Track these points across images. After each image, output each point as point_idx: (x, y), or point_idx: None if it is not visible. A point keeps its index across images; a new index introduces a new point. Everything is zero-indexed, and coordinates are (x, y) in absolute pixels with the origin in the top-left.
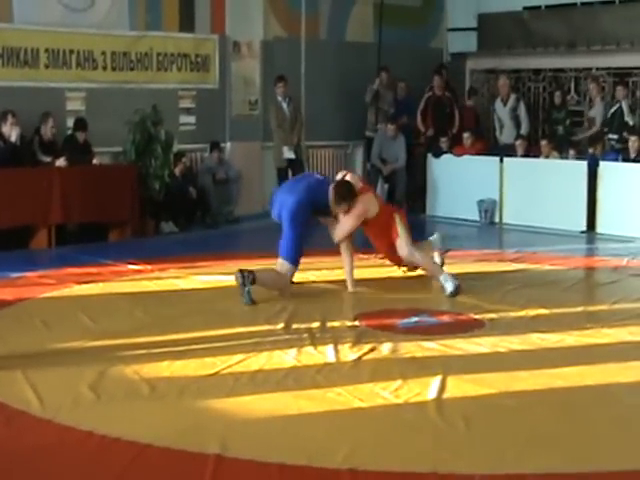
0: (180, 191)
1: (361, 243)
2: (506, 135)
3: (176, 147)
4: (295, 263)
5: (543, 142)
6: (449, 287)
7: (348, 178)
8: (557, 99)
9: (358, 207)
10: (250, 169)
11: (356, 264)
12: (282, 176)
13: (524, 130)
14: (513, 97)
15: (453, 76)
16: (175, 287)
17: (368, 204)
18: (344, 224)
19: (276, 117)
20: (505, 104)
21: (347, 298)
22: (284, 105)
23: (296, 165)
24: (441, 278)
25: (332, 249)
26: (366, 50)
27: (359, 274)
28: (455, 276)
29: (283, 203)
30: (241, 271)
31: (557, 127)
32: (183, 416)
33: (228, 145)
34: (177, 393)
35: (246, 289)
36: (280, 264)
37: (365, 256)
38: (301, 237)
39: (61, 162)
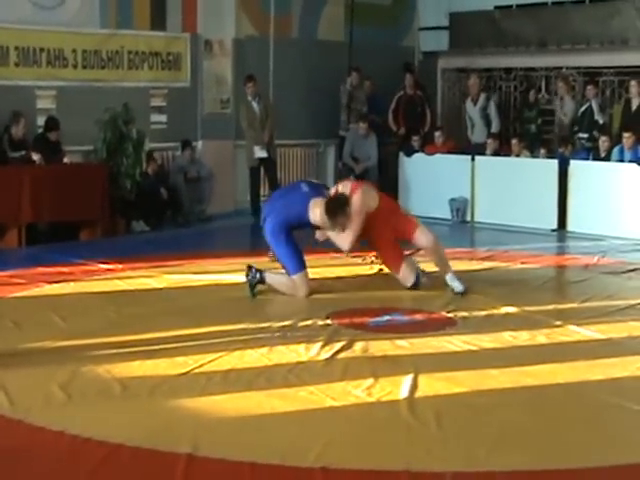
0: (151, 190)
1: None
2: (477, 134)
3: (147, 145)
4: (298, 271)
5: (514, 141)
6: (458, 287)
7: (340, 188)
8: (531, 97)
9: (355, 205)
10: (222, 167)
11: (328, 262)
12: (254, 175)
13: (494, 129)
14: (483, 96)
15: (425, 75)
16: (147, 286)
17: (364, 197)
18: (347, 231)
19: (246, 116)
20: (475, 103)
21: (319, 296)
22: (254, 104)
23: (268, 164)
24: (448, 277)
25: (308, 247)
26: (337, 49)
27: (332, 272)
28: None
29: (264, 222)
30: (249, 267)
31: (529, 126)
32: (155, 415)
33: (200, 143)
34: (149, 392)
35: (254, 291)
36: (288, 280)
37: (338, 255)
38: (290, 246)
39: (36, 156)
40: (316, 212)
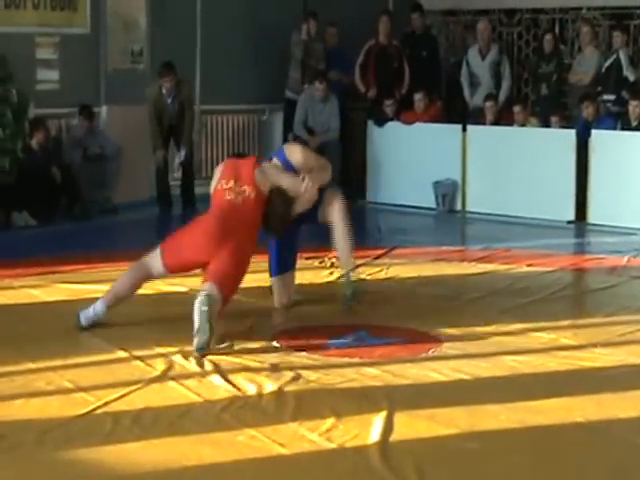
0: (39, 171)
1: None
2: (481, 97)
3: (32, 112)
4: (277, 273)
5: (516, 108)
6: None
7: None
8: (547, 45)
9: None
10: (133, 142)
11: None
12: (160, 177)
13: (506, 91)
14: (495, 48)
15: (400, 21)
16: (32, 299)
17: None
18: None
19: (155, 113)
20: (484, 57)
21: (264, 311)
22: (168, 102)
23: (188, 168)
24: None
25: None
26: None
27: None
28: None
29: None
30: None
31: (540, 85)
32: (44, 472)
33: (104, 110)
34: (35, 441)
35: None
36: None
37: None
38: (276, 247)
39: None
40: (294, 151)
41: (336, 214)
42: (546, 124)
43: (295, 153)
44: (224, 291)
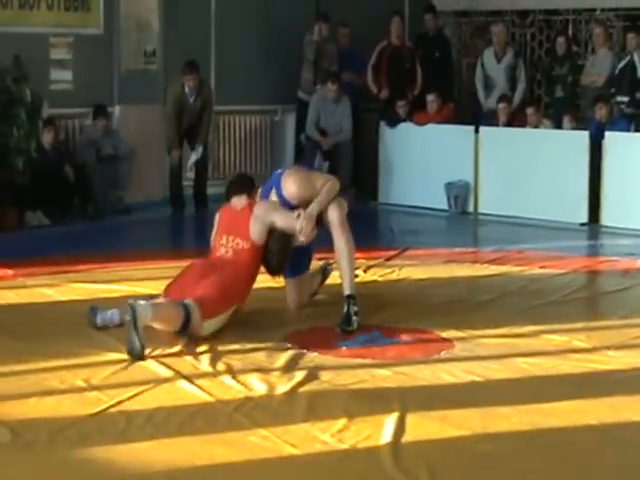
0: (52, 171)
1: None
2: (495, 99)
3: (46, 112)
4: (291, 275)
5: (529, 110)
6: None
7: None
8: (560, 48)
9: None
10: (146, 142)
11: None
12: (173, 178)
13: (520, 94)
14: (511, 52)
15: (415, 21)
16: (45, 298)
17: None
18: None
19: (174, 110)
20: (500, 60)
21: (277, 312)
22: (190, 100)
23: (202, 167)
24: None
25: None
26: None
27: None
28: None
29: None
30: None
31: (555, 87)
32: (57, 470)
33: (117, 110)
34: (48, 440)
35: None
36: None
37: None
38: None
39: None
40: (288, 183)
41: (335, 229)
42: (559, 126)
43: (288, 184)
44: (202, 310)
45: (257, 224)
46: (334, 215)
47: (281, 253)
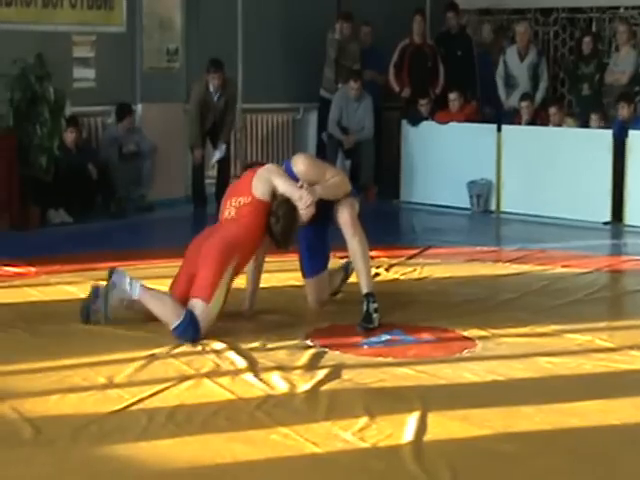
0: (75, 168)
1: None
2: (518, 97)
3: (69, 110)
4: (310, 275)
5: (552, 109)
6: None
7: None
8: (586, 46)
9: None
10: (168, 139)
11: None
12: (196, 176)
13: (542, 93)
14: (534, 50)
15: (437, 19)
16: (68, 296)
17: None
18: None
19: (198, 108)
20: (523, 59)
21: (297, 310)
22: (214, 98)
23: (224, 164)
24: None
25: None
26: None
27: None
28: None
29: None
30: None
31: (581, 86)
32: (79, 467)
33: (139, 108)
34: (70, 437)
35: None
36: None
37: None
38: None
39: None
40: (299, 161)
41: (346, 229)
42: (585, 124)
43: (299, 162)
44: (201, 294)
45: (260, 181)
46: (345, 215)
47: (285, 219)
